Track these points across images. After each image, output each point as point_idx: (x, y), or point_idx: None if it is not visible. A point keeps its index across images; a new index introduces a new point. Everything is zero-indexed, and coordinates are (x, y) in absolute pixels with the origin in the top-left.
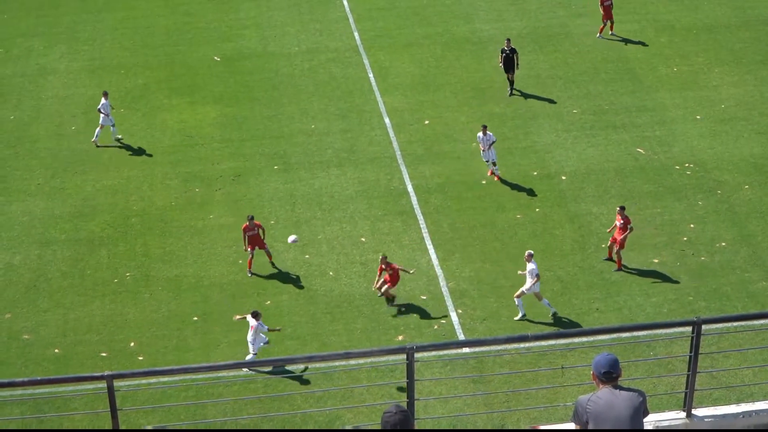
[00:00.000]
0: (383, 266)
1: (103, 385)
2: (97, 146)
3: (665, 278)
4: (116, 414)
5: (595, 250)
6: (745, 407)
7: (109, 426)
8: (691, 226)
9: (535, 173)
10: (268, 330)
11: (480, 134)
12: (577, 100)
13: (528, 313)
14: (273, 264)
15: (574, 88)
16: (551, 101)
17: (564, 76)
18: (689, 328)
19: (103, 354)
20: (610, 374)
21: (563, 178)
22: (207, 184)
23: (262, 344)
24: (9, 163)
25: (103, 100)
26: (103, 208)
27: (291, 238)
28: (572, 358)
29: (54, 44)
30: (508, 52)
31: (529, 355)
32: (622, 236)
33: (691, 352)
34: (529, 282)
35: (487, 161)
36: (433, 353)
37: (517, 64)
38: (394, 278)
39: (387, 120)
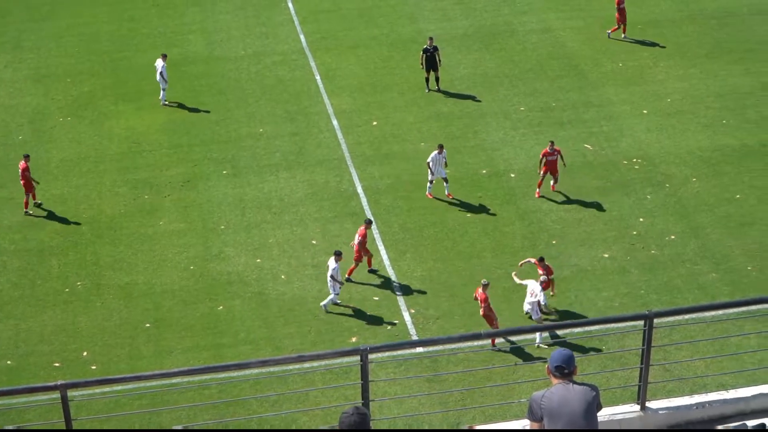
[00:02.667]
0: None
1: (57, 395)
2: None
3: (616, 272)
4: (71, 424)
5: (546, 246)
6: (698, 398)
7: None
8: (641, 220)
9: (484, 171)
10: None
11: (435, 153)
12: (523, 98)
13: (465, 314)
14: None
15: (521, 85)
16: (498, 99)
17: (510, 74)
18: (641, 322)
19: (56, 364)
20: (561, 369)
21: (512, 175)
22: (156, 190)
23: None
24: None
25: (161, 62)
26: (52, 217)
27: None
28: (524, 355)
29: None
30: (431, 50)
31: (483, 353)
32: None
33: (643, 345)
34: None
35: (432, 182)
36: (387, 354)
37: (440, 61)
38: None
39: (335, 122)
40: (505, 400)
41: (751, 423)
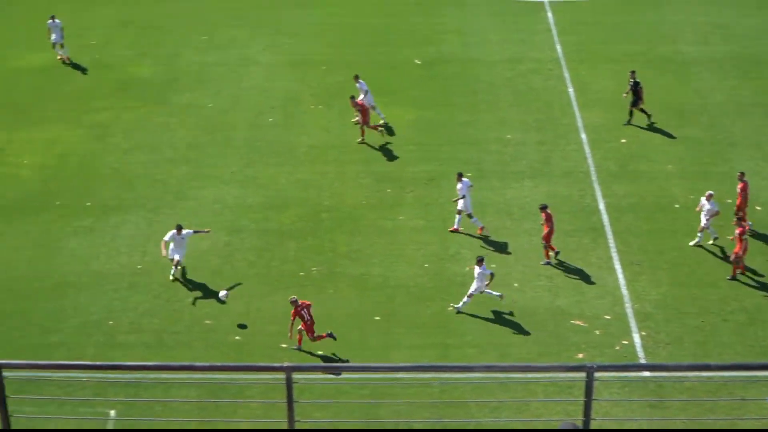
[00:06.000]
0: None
1: (280, 376)
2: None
3: None
4: (292, 406)
5: None
6: None
7: (283, 417)
8: None
9: (730, 200)
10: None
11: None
12: None
13: (696, 343)
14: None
15: None
16: (752, 129)
17: (766, 104)
18: None
19: (283, 345)
20: None
21: (758, 208)
22: (399, 185)
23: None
24: (206, 150)
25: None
26: (294, 201)
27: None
28: (753, 391)
29: (257, 36)
30: (632, 84)
31: (710, 384)
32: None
33: None
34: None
35: (460, 212)
36: (613, 374)
37: (640, 99)
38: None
39: (583, 135)
40: None
41: None
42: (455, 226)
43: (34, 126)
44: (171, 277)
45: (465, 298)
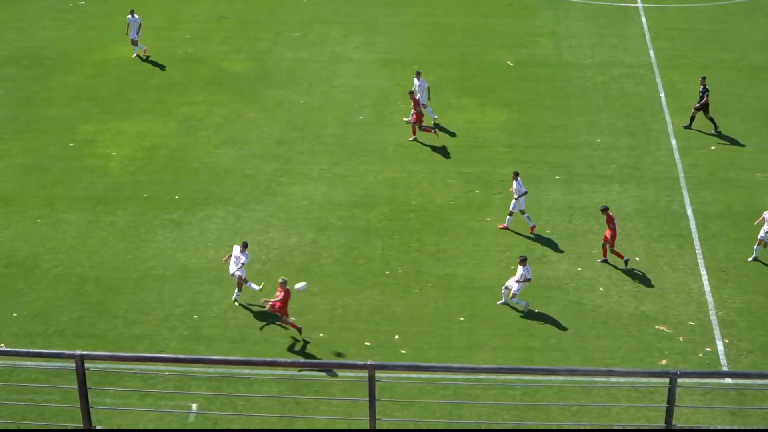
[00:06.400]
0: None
1: (363, 374)
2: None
3: None
4: (374, 404)
5: None
6: None
7: (365, 415)
8: None
9: None
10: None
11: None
12: None
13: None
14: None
15: None
16: None
17: None
18: None
19: (367, 343)
20: None
21: None
22: (487, 186)
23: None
24: (295, 146)
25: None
26: (382, 200)
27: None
28: None
29: (350, 34)
30: (701, 90)
31: None
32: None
33: None
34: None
35: (513, 212)
36: (695, 380)
37: (701, 105)
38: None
39: (674, 141)
40: None
41: None
42: (531, 225)
43: (124, 118)
44: (235, 301)
45: (516, 300)
